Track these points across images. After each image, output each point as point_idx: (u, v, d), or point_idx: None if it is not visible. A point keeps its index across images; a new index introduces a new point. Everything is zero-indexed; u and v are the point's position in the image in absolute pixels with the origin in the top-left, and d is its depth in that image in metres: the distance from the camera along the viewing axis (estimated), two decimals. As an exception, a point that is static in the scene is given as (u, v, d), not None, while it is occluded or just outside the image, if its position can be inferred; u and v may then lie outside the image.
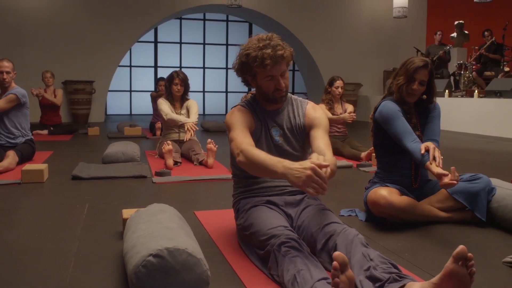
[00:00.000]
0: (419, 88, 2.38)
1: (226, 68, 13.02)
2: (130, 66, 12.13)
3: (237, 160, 1.80)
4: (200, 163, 4.15)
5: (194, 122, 4.34)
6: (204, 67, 13.02)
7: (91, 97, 9.30)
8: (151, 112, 7.63)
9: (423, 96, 2.44)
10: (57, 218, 2.50)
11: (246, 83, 2.01)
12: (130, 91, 12.29)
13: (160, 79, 7.15)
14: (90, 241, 2.11)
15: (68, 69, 9.15)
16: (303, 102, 2.08)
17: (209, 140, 4.10)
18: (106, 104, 10.72)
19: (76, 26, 9.29)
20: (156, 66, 12.36)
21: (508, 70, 8.92)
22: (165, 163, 4.00)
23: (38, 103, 6.94)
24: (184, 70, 4.84)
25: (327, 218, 1.79)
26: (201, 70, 12.98)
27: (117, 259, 1.85)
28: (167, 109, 4.46)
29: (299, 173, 1.51)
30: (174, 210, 1.94)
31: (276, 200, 1.94)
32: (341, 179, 3.65)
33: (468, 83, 8.95)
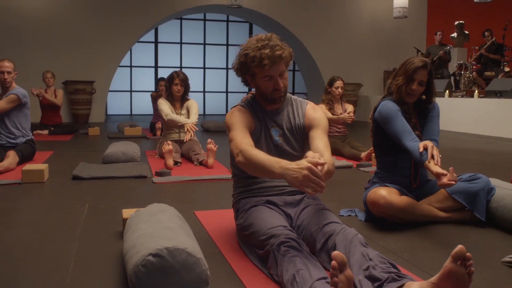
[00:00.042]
0: (418, 88, 2.38)
1: (227, 68, 13.03)
2: (131, 66, 12.14)
3: (236, 160, 1.81)
4: (200, 163, 4.15)
5: (193, 123, 4.34)
6: (204, 67, 13.03)
7: (92, 97, 9.31)
8: (152, 112, 7.65)
9: (423, 96, 2.45)
10: (57, 218, 2.50)
11: (245, 83, 2.02)
12: (131, 91, 12.30)
13: (160, 79, 7.16)
14: (90, 241, 2.12)
15: (68, 69, 9.16)
16: (303, 103, 2.09)
17: (209, 140, 4.11)
18: (107, 104, 10.73)
19: (76, 26, 9.29)
20: (156, 66, 12.36)
21: (508, 70, 8.91)
22: (165, 163, 4.01)
23: (38, 103, 6.95)
24: (184, 70, 4.84)
25: (327, 218, 1.79)
26: (201, 70, 12.98)
27: (117, 259, 1.86)
28: (167, 109, 4.47)
29: (296, 173, 1.51)
30: (174, 210, 1.94)
31: (275, 200, 1.95)
32: (341, 179, 3.66)
33: (468, 83, 8.95)
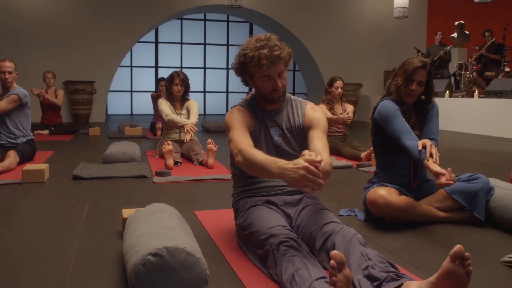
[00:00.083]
0: (418, 88, 2.39)
1: (227, 68, 13.03)
2: (131, 66, 12.15)
3: (235, 160, 1.82)
4: (200, 163, 4.16)
5: (193, 123, 4.34)
6: (204, 68, 13.04)
7: (92, 97, 9.32)
8: (152, 112, 7.65)
9: (422, 96, 2.45)
10: (57, 218, 2.51)
11: (245, 83, 2.03)
12: (131, 91, 12.31)
13: (160, 79, 7.16)
14: (90, 240, 2.12)
15: (69, 69, 9.17)
16: (303, 103, 2.09)
17: (209, 140, 4.11)
18: (107, 104, 10.73)
19: (76, 26, 9.30)
20: (156, 67, 12.37)
21: (508, 70, 8.91)
22: (165, 163, 4.01)
23: (39, 104, 6.96)
24: (184, 71, 4.85)
25: (326, 217, 1.80)
26: (201, 71, 12.99)
27: (117, 259, 1.86)
28: (167, 109, 4.47)
29: (293, 173, 1.52)
30: (173, 210, 1.95)
31: (275, 199, 1.95)
32: (341, 179, 3.66)
33: (468, 84, 8.95)
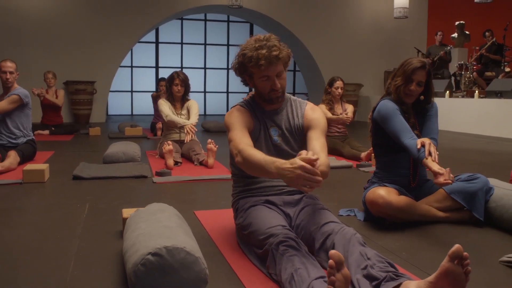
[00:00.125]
0: (417, 89, 2.39)
1: (227, 68, 13.04)
2: (131, 66, 12.16)
3: (235, 160, 1.82)
4: (200, 163, 4.16)
5: (193, 124, 4.35)
6: (205, 68, 13.04)
7: (93, 97, 9.33)
8: (152, 112, 7.65)
9: (421, 96, 2.45)
10: (58, 217, 2.51)
11: (244, 83, 2.03)
12: (131, 92, 12.31)
13: (161, 80, 7.16)
14: (90, 240, 2.13)
15: (69, 69, 9.17)
16: (302, 103, 2.09)
17: (209, 140, 4.12)
18: (107, 104, 10.74)
19: (77, 26, 9.31)
20: (157, 67, 12.38)
21: (508, 70, 8.91)
22: (165, 163, 4.02)
23: (39, 104, 6.97)
24: (185, 71, 4.86)
25: (325, 217, 1.80)
26: (202, 71, 13.00)
27: (117, 258, 1.87)
28: (168, 110, 4.47)
29: (290, 173, 1.52)
30: (173, 210, 1.95)
31: (274, 199, 1.96)
32: (341, 179, 3.67)
33: (468, 84, 8.95)
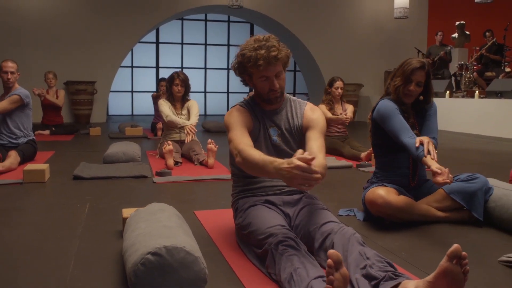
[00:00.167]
0: (416, 89, 2.39)
1: (228, 68, 13.03)
2: (132, 66, 12.16)
3: (236, 160, 1.83)
4: (200, 163, 4.16)
5: (193, 125, 4.35)
6: (205, 68, 13.05)
7: (93, 97, 9.33)
8: (153, 112, 7.66)
9: (420, 97, 2.46)
10: (58, 217, 2.52)
11: (244, 83, 2.04)
12: (132, 92, 12.32)
13: (161, 80, 7.16)
14: (90, 240, 2.13)
15: (69, 69, 9.18)
16: (302, 103, 2.10)
17: (209, 140, 4.12)
18: (108, 104, 10.74)
19: (77, 27, 9.31)
20: (157, 67, 12.38)
21: (509, 70, 8.91)
22: (165, 163, 4.02)
23: (40, 104, 6.97)
24: (185, 71, 4.86)
25: (325, 217, 1.81)
26: (202, 71, 13.00)
27: (117, 258, 1.87)
28: (168, 110, 4.48)
29: (288, 173, 1.53)
30: (173, 209, 1.96)
31: (274, 199, 1.96)
32: (340, 179, 3.67)
33: (469, 84, 8.95)
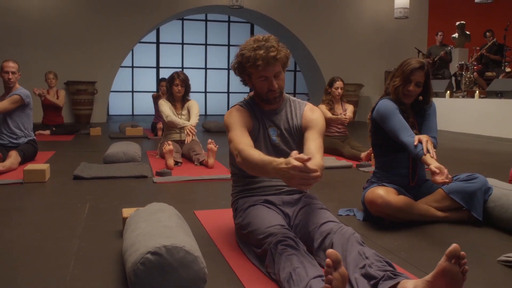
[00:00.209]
0: (415, 89, 2.40)
1: (228, 68, 13.04)
2: (132, 66, 12.17)
3: (237, 161, 1.83)
4: (200, 163, 4.17)
5: (193, 125, 4.36)
6: (206, 68, 13.06)
7: (93, 97, 9.34)
8: (153, 112, 7.67)
9: (420, 97, 2.46)
10: (58, 217, 2.52)
11: (244, 83, 2.04)
12: (132, 92, 12.33)
13: (161, 80, 7.17)
14: (90, 240, 2.14)
15: (70, 69, 9.19)
16: (302, 104, 2.10)
17: (209, 140, 4.12)
18: (108, 104, 10.75)
19: (77, 27, 9.32)
20: (158, 67, 12.39)
21: (509, 70, 8.90)
22: (166, 163, 4.03)
23: (40, 104, 6.98)
24: (186, 71, 4.86)
25: (324, 217, 1.81)
26: (203, 71, 13.01)
27: (117, 258, 1.88)
28: (168, 110, 4.48)
29: (286, 173, 1.54)
30: (173, 209, 1.96)
31: (273, 199, 1.97)
32: (340, 179, 3.68)
33: (469, 84, 8.95)
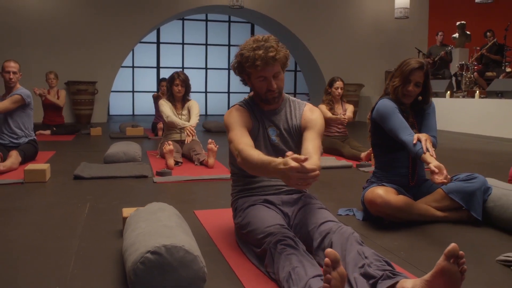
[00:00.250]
0: (415, 89, 2.40)
1: (228, 68, 13.04)
2: (133, 66, 12.18)
3: (237, 161, 1.84)
4: (201, 163, 4.17)
5: (192, 126, 4.36)
6: (206, 68, 13.06)
7: (94, 97, 9.35)
8: (153, 112, 7.67)
9: (419, 97, 2.47)
10: (58, 217, 2.53)
11: (243, 83, 2.05)
12: (133, 92, 12.33)
13: (162, 80, 7.17)
14: (90, 239, 2.14)
15: (70, 69, 9.19)
16: (301, 104, 2.11)
17: (210, 140, 4.13)
18: (109, 104, 10.76)
19: (78, 27, 9.32)
20: (158, 67, 12.40)
21: (509, 70, 8.90)
22: (166, 163, 4.03)
23: (41, 104, 6.99)
24: (186, 71, 4.87)
25: (323, 216, 1.82)
26: (203, 71, 13.01)
27: (117, 257, 1.88)
28: (168, 110, 4.49)
29: (285, 174, 1.54)
30: (173, 209, 1.97)
31: (273, 199, 1.97)
32: (340, 179, 3.68)
33: (469, 84, 8.95)
